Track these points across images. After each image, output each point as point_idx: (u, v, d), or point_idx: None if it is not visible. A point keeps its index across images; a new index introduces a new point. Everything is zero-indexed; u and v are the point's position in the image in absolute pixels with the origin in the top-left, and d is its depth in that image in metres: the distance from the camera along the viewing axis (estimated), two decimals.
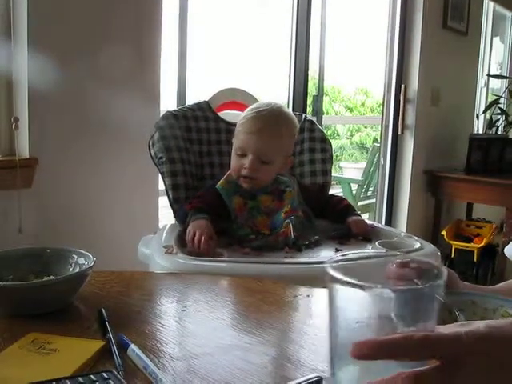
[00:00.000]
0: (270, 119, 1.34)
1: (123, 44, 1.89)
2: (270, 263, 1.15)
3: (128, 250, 1.35)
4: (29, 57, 1.66)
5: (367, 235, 1.38)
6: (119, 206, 1.96)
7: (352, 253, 0.51)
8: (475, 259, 3.34)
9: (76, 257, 0.83)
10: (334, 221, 1.44)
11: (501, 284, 0.79)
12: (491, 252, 3.46)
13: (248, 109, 1.39)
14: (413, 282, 0.67)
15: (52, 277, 0.80)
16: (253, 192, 1.36)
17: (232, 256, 1.19)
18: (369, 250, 1.28)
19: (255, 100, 1.64)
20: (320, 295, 0.90)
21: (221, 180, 1.37)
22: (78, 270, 0.80)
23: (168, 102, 2.21)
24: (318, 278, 1.07)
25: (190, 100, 2.22)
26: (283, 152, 1.39)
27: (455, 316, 0.59)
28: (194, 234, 1.21)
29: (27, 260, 0.83)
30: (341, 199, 1.53)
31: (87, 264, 0.80)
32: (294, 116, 1.42)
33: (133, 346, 0.63)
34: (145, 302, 0.82)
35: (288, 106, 2.96)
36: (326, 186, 1.60)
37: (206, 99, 1.63)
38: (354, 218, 1.41)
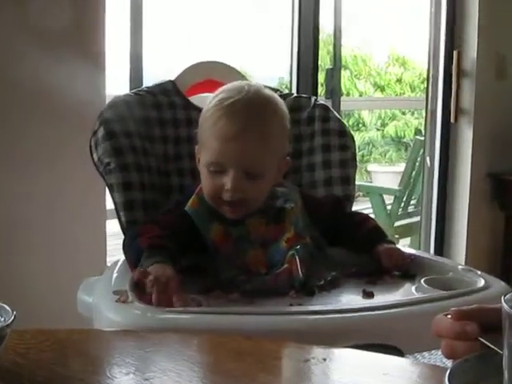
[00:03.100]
0: (250, 114, 1.32)
1: None
2: (268, 314, 1.15)
3: (63, 298, 1.35)
4: None
5: (405, 270, 1.38)
6: (49, 234, 1.96)
7: None
8: None
9: None
10: (357, 250, 1.45)
11: None
12: None
13: (213, 99, 1.35)
14: (478, 341, 0.67)
15: None
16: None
17: (213, 305, 1.19)
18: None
19: (240, 76, 1.65)
20: (341, 358, 0.91)
21: (191, 198, 1.37)
22: None
23: (117, 85, 2.22)
24: (340, 334, 1.08)
25: (149, 81, 2.23)
26: (275, 156, 1.38)
27: None
28: (158, 282, 1.18)
29: None
30: (365, 218, 1.55)
31: (3, 321, 0.80)
32: (278, 98, 1.41)
33: None
34: (88, 375, 0.82)
35: (290, 86, 2.96)
36: (347, 199, 1.61)
37: (172, 78, 1.64)
38: (386, 245, 1.42)
